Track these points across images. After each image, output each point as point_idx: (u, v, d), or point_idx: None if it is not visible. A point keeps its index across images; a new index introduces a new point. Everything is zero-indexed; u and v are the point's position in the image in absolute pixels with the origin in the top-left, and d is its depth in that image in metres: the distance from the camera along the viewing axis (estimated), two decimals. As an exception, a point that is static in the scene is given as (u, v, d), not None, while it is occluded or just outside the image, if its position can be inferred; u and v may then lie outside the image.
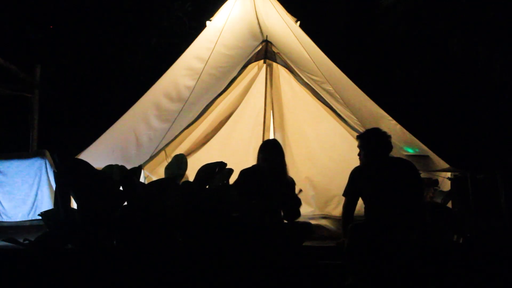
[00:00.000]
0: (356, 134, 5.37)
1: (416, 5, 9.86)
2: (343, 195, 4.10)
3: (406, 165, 3.99)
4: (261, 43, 5.71)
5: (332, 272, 3.84)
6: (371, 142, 3.98)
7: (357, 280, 3.58)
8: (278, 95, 5.74)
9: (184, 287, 3.49)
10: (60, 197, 3.78)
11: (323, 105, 5.50)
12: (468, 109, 10.07)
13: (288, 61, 5.63)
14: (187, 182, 4.32)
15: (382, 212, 3.81)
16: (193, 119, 5.42)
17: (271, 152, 4.37)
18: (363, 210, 4.02)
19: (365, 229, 3.76)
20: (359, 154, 4.07)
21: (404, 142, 5.92)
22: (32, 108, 7.96)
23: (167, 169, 4.36)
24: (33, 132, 7.86)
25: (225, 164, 4.26)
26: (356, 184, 4.02)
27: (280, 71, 5.76)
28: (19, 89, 7.99)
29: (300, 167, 5.54)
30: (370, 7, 10.45)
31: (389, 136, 4.02)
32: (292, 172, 4.90)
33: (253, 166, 4.43)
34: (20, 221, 5.71)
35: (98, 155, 5.80)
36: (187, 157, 4.78)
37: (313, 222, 4.78)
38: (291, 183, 4.45)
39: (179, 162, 4.36)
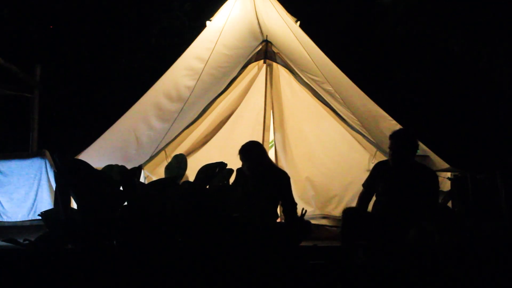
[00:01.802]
0: (356, 134, 5.41)
1: (416, 5, 9.84)
2: (362, 185, 4.28)
3: (427, 173, 4.08)
4: (261, 43, 5.71)
5: (332, 272, 3.84)
6: (397, 142, 4.03)
7: (369, 257, 3.66)
8: (278, 95, 5.74)
9: (184, 287, 3.50)
10: (60, 197, 3.78)
11: (323, 105, 5.51)
12: (468, 109, 10.06)
13: (288, 61, 5.63)
14: (187, 182, 4.32)
15: (386, 208, 3.89)
16: (193, 119, 5.43)
17: (245, 156, 4.43)
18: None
19: (357, 213, 3.97)
20: (389, 154, 4.14)
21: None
22: (32, 108, 7.95)
23: (167, 169, 4.35)
24: (33, 132, 7.86)
25: (226, 164, 4.26)
26: (375, 177, 4.16)
27: (280, 71, 5.75)
28: (19, 89, 7.99)
29: (300, 167, 5.53)
30: (369, 7, 10.43)
31: (416, 136, 4.10)
32: (292, 172, 4.89)
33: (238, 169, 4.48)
34: (20, 221, 5.70)
35: (98, 155, 5.80)
36: (187, 157, 4.77)
37: (313, 222, 4.78)
38: (283, 178, 4.45)
39: (179, 162, 4.35)
